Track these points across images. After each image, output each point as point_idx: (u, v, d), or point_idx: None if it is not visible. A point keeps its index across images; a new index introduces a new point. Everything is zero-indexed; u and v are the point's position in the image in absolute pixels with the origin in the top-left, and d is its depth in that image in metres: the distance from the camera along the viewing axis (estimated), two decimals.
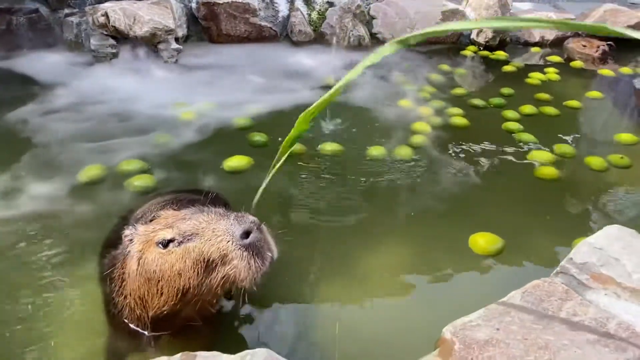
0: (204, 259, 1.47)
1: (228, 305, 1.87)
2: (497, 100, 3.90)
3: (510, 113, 3.65)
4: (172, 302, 1.54)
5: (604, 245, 1.69)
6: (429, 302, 2.04)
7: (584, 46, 5.05)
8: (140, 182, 2.63)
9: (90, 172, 2.70)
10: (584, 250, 1.71)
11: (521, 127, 3.45)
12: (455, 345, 1.42)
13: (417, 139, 3.27)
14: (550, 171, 2.92)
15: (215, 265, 1.47)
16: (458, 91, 4.11)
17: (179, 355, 1.20)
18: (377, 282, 2.11)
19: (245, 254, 1.45)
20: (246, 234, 1.46)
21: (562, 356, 1.35)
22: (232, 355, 1.21)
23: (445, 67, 4.67)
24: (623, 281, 1.58)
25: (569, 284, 1.64)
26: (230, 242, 1.45)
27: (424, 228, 2.44)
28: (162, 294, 1.54)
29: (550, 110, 3.77)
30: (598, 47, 4.99)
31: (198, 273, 1.48)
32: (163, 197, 2.17)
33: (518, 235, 2.37)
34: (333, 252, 2.25)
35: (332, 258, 2.21)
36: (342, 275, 2.12)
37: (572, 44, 5.13)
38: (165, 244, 1.51)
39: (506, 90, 4.10)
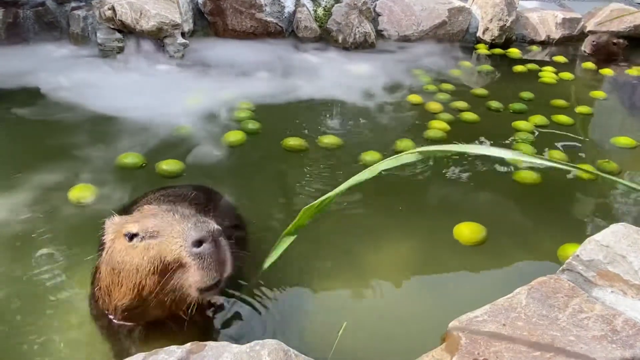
0: (160, 258, 1.46)
1: (230, 299, 1.89)
2: (517, 106, 3.79)
3: (522, 124, 3.49)
4: (130, 297, 1.54)
5: (611, 243, 1.69)
6: (431, 296, 2.05)
7: (614, 44, 5.02)
8: (169, 166, 2.74)
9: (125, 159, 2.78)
10: (590, 247, 1.72)
11: (529, 136, 3.32)
12: (462, 340, 1.42)
13: (430, 134, 3.29)
14: (529, 175, 2.85)
15: (170, 268, 1.46)
16: (468, 89, 4.11)
17: (189, 344, 1.21)
18: (379, 277, 2.12)
19: (193, 262, 1.43)
20: (198, 242, 1.43)
21: (569, 352, 1.36)
22: (242, 345, 1.22)
23: (467, 63, 4.72)
24: (630, 278, 1.58)
25: (575, 281, 1.65)
26: (183, 247, 1.44)
27: (417, 222, 2.48)
28: (121, 285, 1.55)
29: (564, 119, 3.61)
30: (618, 42, 5.00)
31: (153, 272, 1.47)
32: (162, 191, 2.17)
33: (499, 227, 2.44)
34: (335, 246, 2.27)
35: (334, 252, 2.23)
36: (345, 269, 2.13)
37: (603, 39, 5.04)
38: (130, 237, 1.52)
39: (526, 95, 4.00)
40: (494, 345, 1.39)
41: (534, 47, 5.35)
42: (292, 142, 3.08)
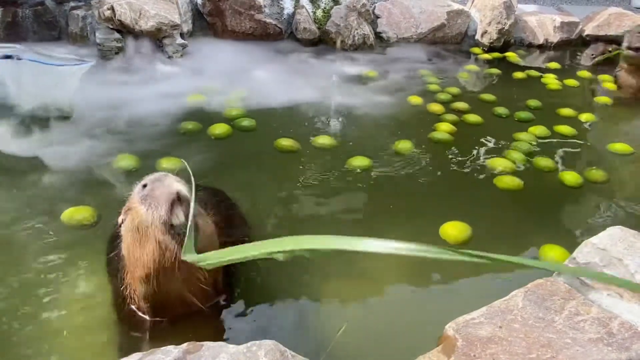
0: (132, 227, 1.50)
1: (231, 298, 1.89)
2: (523, 114, 3.72)
3: (523, 135, 3.39)
4: (142, 278, 1.55)
5: (607, 246, 1.70)
6: (429, 298, 2.06)
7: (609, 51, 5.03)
8: (169, 164, 2.75)
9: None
10: (587, 250, 1.72)
11: (524, 144, 3.23)
12: (458, 342, 1.43)
13: (437, 135, 3.31)
14: (510, 180, 2.82)
15: (142, 229, 1.48)
16: (469, 92, 4.12)
17: (185, 344, 1.22)
18: (375, 278, 2.12)
19: (146, 203, 1.46)
20: (143, 186, 1.50)
21: (564, 354, 1.36)
22: (239, 346, 1.22)
23: (472, 67, 4.75)
24: None
25: (572, 284, 1.65)
26: (136, 200, 1.49)
27: (405, 223, 2.50)
28: (132, 272, 1.57)
29: (567, 129, 3.50)
30: (599, 47, 5.01)
31: (135, 243, 1.50)
32: None
33: (483, 227, 2.46)
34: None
35: (330, 254, 2.22)
36: (341, 270, 2.13)
37: (600, 49, 5.02)
38: (120, 225, 1.58)
39: (532, 103, 3.92)
40: (490, 347, 1.40)
41: (533, 51, 5.36)
42: (285, 142, 3.07)
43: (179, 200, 1.48)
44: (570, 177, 2.90)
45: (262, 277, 2.04)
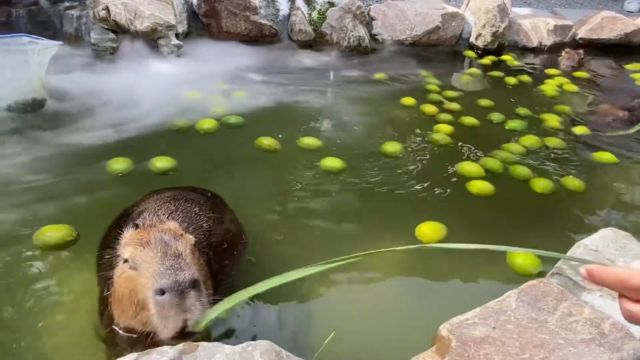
0: (136, 291, 1.44)
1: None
2: (514, 123, 3.67)
3: (513, 146, 3.31)
4: (126, 319, 1.52)
5: (599, 247, 1.72)
6: (423, 298, 2.07)
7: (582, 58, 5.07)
8: (162, 163, 2.76)
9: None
10: (579, 252, 1.74)
11: (508, 155, 3.19)
12: (452, 343, 1.44)
13: (435, 137, 3.35)
14: (484, 186, 2.82)
15: (143, 303, 1.43)
16: (463, 94, 4.14)
17: (181, 345, 1.22)
18: (369, 279, 2.14)
19: (155, 309, 1.36)
20: (161, 291, 1.34)
21: (557, 355, 1.37)
22: (234, 346, 1.22)
23: (470, 70, 4.79)
24: None
25: (565, 285, 1.67)
26: (150, 290, 1.37)
27: (390, 221, 2.53)
28: (117, 306, 1.55)
29: (556, 142, 3.43)
30: (575, 56, 5.05)
31: (132, 302, 1.47)
32: (160, 194, 2.16)
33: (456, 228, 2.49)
34: (327, 250, 2.27)
35: (327, 256, 2.22)
36: (337, 272, 2.14)
37: (577, 58, 5.06)
38: (123, 262, 1.49)
39: (522, 110, 3.86)
40: (483, 347, 1.41)
41: (526, 54, 5.39)
42: (266, 141, 3.08)
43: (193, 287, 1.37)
44: (542, 184, 2.88)
45: (257, 278, 2.04)
